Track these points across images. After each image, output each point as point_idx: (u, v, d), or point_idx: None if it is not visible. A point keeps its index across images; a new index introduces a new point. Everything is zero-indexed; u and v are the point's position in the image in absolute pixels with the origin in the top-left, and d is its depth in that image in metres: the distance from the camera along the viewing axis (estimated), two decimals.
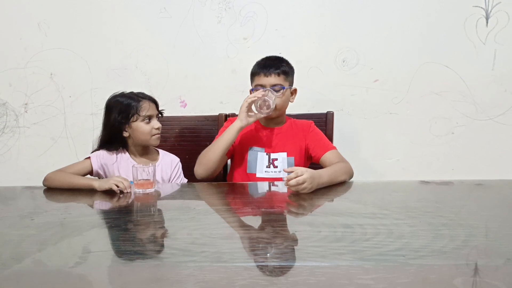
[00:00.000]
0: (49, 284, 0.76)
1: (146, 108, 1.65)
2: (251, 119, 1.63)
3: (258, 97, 1.59)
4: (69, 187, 1.52)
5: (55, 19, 2.31)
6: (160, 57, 2.27)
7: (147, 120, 1.65)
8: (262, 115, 1.61)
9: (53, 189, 1.54)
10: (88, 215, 1.25)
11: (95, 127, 2.36)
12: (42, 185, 1.58)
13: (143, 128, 1.65)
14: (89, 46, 2.31)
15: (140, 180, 1.43)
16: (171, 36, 2.26)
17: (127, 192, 1.42)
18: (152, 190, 1.44)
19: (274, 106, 1.60)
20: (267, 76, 1.67)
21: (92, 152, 1.70)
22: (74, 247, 0.96)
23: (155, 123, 1.67)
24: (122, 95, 1.69)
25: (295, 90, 1.77)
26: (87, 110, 2.36)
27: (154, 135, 1.67)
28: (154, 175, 1.45)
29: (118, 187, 1.42)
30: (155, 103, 1.70)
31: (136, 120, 1.64)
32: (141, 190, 1.42)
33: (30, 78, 2.36)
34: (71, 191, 1.50)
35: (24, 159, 2.42)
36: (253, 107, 1.62)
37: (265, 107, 1.58)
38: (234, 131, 1.62)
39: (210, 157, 1.64)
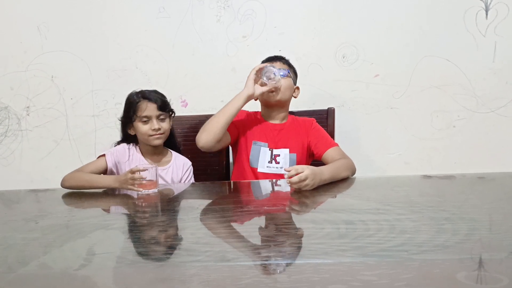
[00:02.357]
0: (54, 287, 0.77)
1: (143, 109, 1.65)
2: (258, 91, 1.66)
3: (264, 65, 1.67)
4: (90, 188, 1.53)
5: (55, 22, 2.31)
6: (159, 57, 2.28)
7: (145, 120, 1.65)
8: (269, 87, 1.65)
9: (56, 192, 1.55)
10: (92, 217, 1.26)
11: (97, 129, 2.36)
12: (46, 187, 1.59)
13: (141, 128, 1.66)
14: (88, 47, 2.31)
15: (142, 180, 1.43)
16: (170, 35, 2.26)
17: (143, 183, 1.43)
18: (155, 190, 1.44)
19: (279, 77, 1.66)
20: (273, 62, 1.73)
21: (115, 145, 1.74)
22: (78, 249, 0.96)
23: (154, 124, 1.65)
24: (133, 93, 1.71)
25: (298, 87, 1.81)
26: (89, 111, 2.36)
27: (151, 135, 1.66)
28: (157, 175, 1.45)
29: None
30: (157, 104, 1.66)
31: (135, 120, 1.66)
32: (144, 190, 1.43)
33: (31, 81, 2.36)
34: (76, 193, 1.51)
35: (27, 162, 2.43)
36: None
37: (271, 79, 1.65)
38: (241, 98, 1.64)
39: (215, 124, 1.63)
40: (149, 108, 1.65)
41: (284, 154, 1.71)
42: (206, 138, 1.63)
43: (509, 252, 0.82)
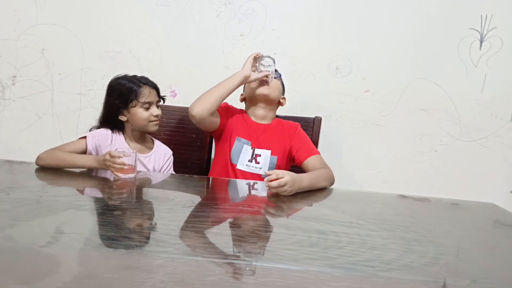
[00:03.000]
0: (17, 261, 0.76)
1: (146, 95, 1.63)
2: (254, 75, 1.69)
3: (262, 54, 1.72)
4: (68, 167, 1.50)
5: None
6: (154, 44, 2.26)
7: (147, 106, 1.64)
8: (264, 73, 1.69)
9: (32, 166, 1.51)
10: (65, 196, 1.24)
11: (82, 107, 2.34)
12: (21, 160, 1.56)
13: (141, 114, 1.64)
14: (84, 25, 2.28)
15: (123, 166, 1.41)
16: (168, 24, 2.24)
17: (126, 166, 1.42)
18: (132, 176, 1.43)
19: (274, 68, 1.71)
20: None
21: (91, 129, 1.69)
22: (47, 226, 0.95)
23: (154, 110, 1.65)
24: (125, 78, 1.67)
25: (284, 97, 1.85)
26: (76, 89, 2.33)
27: (152, 121, 1.66)
28: (135, 161, 1.44)
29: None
30: (157, 90, 1.69)
31: (135, 106, 1.63)
32: (121, 175, 1.41)
33: (21, 51, 2.32)
34: (51, 170, 1.49)
35: (6, 132, 2.38)
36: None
37: (266, 67, 1.70)
38: (237, 77, 1.67)
39: (210, 95, 1.65)
40: (152, 94, 1.65)
41: (265, 155, 1.72)
42: (200, 106, 1.63)
43: (472, 280, 0.84)
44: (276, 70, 1.77)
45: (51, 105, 2.35)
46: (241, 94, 1.84)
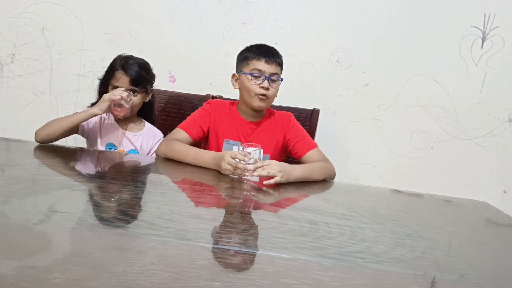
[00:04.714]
0: (9, 237, 0.76)
1: (116, 79, 1.63)
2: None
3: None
4: (69, 128, 1.53)
5: None
6: (155, 28, 2.24)
7: None
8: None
9: (28, 144, 1.51)
10: (60, 175, 1.24)
11: (80, 89, 2.33)
12: (18, 138, 1.56)
13: None
14: (85, 5, 2.26)
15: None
16: (170, 9, 2.23)
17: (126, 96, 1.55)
18: (127, 115, 1.59)
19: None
20: (269, 64, 1.60)
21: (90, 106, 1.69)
22: (40, 204, 0.95)
23: None
24: (119, 58, 1.67)
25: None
26: (75, 70, 2.32)
27: None
28: (131, 101, 1.59)
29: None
30: (131, 77, 1.62)
31: (109, 86, 1.65)
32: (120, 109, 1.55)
33: (21, 29, 2.31)
34: (48, 149, 1.48)
35: (3, 110, 2.37)
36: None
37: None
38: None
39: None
40: (122, 80, 1.62)
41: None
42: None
43: (459, 275, 0.85)
44: (281, 63, 1.64)
45: (49, 85, 2.34)
46: (233, 75, 1.70)
